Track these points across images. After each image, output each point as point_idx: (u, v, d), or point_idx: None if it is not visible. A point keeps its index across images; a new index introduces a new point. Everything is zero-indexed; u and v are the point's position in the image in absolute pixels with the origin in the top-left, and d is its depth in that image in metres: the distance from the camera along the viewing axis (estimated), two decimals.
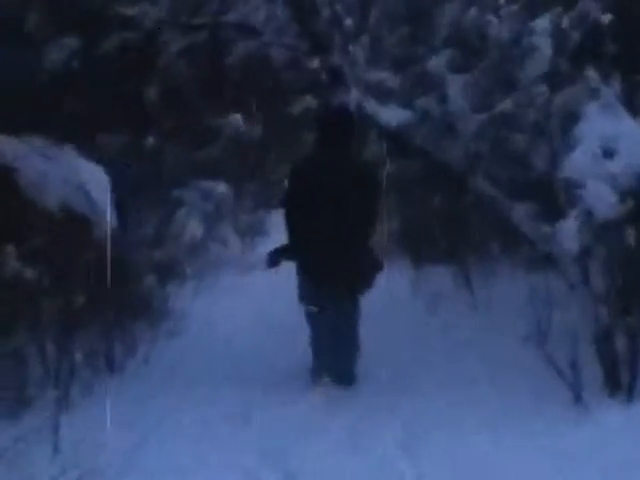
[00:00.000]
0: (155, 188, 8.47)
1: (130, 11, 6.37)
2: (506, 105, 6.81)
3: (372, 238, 5.90)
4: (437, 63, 6.83)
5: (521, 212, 7.10)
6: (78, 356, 5.52)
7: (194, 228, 9.22)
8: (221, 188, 10.06)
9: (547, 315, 6.07)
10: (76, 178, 5.09)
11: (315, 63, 6.63)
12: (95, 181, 5.23)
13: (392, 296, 8.44)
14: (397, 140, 7.14)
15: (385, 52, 7.07)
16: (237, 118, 10.46)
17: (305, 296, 5.84)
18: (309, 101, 7.21)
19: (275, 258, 5.92)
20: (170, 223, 8.96)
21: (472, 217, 8.14)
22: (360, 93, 6.84)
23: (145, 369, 6.17)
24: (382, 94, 7.20)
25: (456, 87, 6.74)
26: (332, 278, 5.60)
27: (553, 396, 5.31)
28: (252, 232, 10.24)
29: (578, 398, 5.26)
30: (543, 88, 6.52)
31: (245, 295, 8.56)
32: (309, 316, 5.86)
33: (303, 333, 6.09)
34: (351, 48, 6.86)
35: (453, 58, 6.81)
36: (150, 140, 8.79)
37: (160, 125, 8.32)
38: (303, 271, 5.77)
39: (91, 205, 5.11)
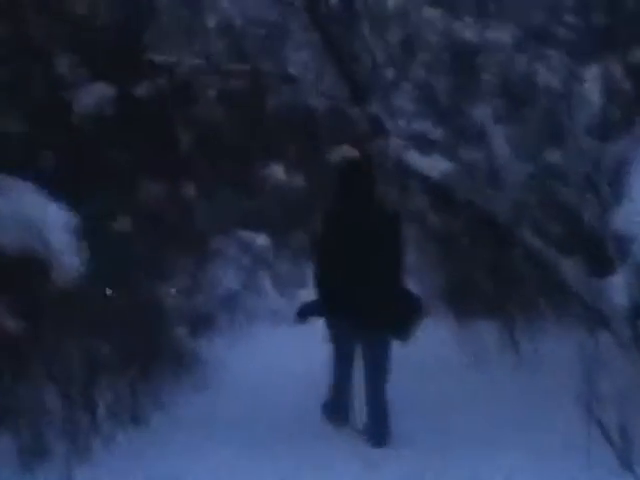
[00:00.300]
0: (191, 237, 8.30)
1: (165, 57, 6.24)
2: (554, 156, 6.54)
3: (402, 280, 5.70)
4: (482, 113, 6.58)
5: (570, 267, 6.80)
6: (101, 407, 5.29)
7: (230, 278, 9.06)
8: (261, 240, 9.92)
9: (596, 376, 5.72)
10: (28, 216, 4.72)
11: (355, 112, 6.41)
12: (55, 221, 4.83)
13: (436, 352, 8.16)
14: (440, 191, 6.89)
15: (428, 101, 6.83)
16: (278, 169, 10.35)
17: (334, 341, 5.75)
18: (348, 150, 7.00)
19: (305, 313, 5.75)
20: (205, 272, 8.79)
21: (518, 271, 7.80)
22: (401, 143, 6.62)
23: (171, 423, 5.90)
24: (424, 144, 6.97)
25: (501, 137, 6.49)
26: (363, 323, 5.44)
27: (601, 464, 4.93)
28: (292, 284, 10.01)
29: (627, 467, 4.88)
30: (592, 138, 6.24)
31: (281, 349, 8.29)
32: (336, 355, 5.76)
33: None
34: (392, 97, 6.64)
35: (498, 108, 6.56)
36: (188, 188, 8.68)
37: (198, 173, 8.18)
38: (332, 323, 5.67)
39: (45, 246, 4.73)
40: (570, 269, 6.85)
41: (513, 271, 7.83)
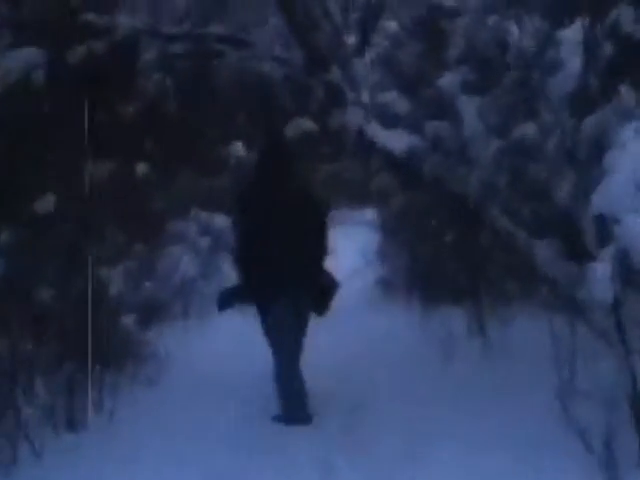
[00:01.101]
0: (142, 220, 7.66)
1: (103, 20, 5.56)
2: (528, 129, 5.95)
3: (324, 260, 5.76)
4: (450, 82, 5.95)
5: (543, 250, 6.23)
6: (27, 410, 4.67)
7: (187, 264, 8.43)
8: (220, 221, 9.30)
9: (572, 370, 5.24)
10: None
11: (313, 81, 5.77)
12: None
13: (400, 340, 7.61)
14: (405, 169, 6.28)
15: (391, 70, 6.20)
16: (238, 146, 9.73)
17: (266, 329, 5.65)
18: (306, 124, 6.38)
19: (226, 301, 5.71)
20: (159, 258, 8.16)
21: (488, 254, 7.24)
22: (363, 115, 5.99)
23: (111, 425, 5.27)
24: (388, 117, 6.34)
25: (471, 109, 5.88)
26: (288, 304, 5.48)
27: (581, 471, 4.37)
28: None
29: (610, 476, 4.32)
30: (570, 110, 5.64)
31: (239, 337, 7.68)
32: (273, 347, 5.63)
33: None
34: (353, 66, 6.00)
35: (468, 77, 5.93)
36: (140, 167, 8.05)
37: (148, 151, 7.53)
38: (258, 307, 5.60)
39: None
40: (542, 252, 6.29)
41: (482, 254, 7.27)
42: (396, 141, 6.04)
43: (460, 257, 7.54)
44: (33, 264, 5.43)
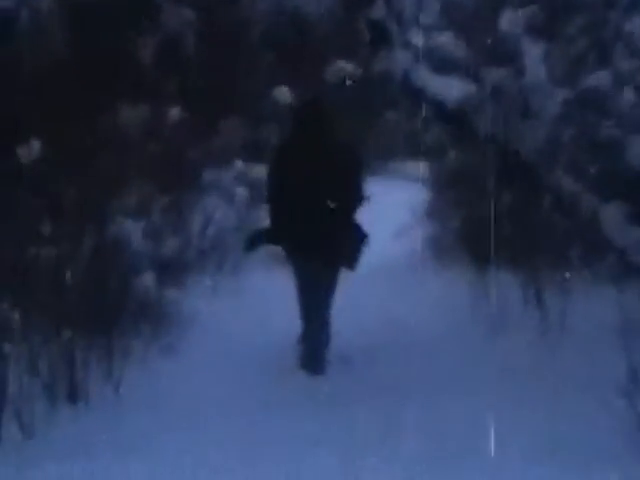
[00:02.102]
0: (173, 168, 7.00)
1: None
2: (599, 80, 5.12)
3: (355, 213, 5.64)
4: (512, 23, 5.12)
5: (610, 213, 5.47)
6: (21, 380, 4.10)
7: (222, 215, 7.77)
8: (259, 170, 8.59)
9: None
10: None
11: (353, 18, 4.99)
12: None
13: (448, 307, 6.88)
14: (458, 122, 5.48)
15: (447, 8, 5.37)
16: (284, 91, 8.98)
17: (295, 276, 5.61)
18: (347, 68, 5.61)
19: (254, 241, 5.68)
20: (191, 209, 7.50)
21: (548, 217, 6.41)
22: (411, 59, 5.19)
23: (116, 399, 4.65)
24: (441, 62, 5.52)
25: (535, 55, 5.04)
26: (315, 254, 5.44)
27: None
28: None
29: None
30: None
31: (274, 296, 7.02)
32: (298, 296, 5.60)
33: None
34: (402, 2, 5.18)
35: (533, 17, 5.09)
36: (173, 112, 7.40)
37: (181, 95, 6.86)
38: (287, 253, 5.64)
39: None
40: (610, 216, 5.52)
41: (542, 217, 6.45)
42: (448, 90, 5.24)
43: (518, 220, 6.73)
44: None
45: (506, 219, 6.89)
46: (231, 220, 7.85)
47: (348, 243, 5.54)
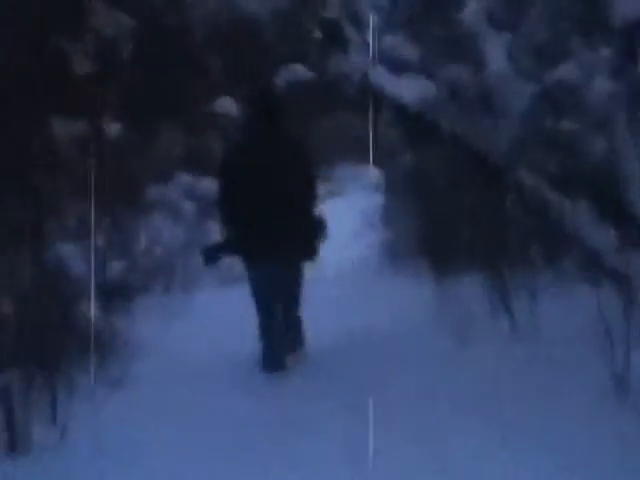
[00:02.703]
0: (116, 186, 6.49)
1: None
2: (564, 72, 4.80)
3: (313, 205, 5.55)
4: (473, 14, 4.76)
5: (577, 212, 5.15)
6: None
7: (170, 232, 7.29)
8: (207, 184, 8.13)
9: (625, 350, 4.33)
10: None
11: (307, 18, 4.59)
12: None
13: (408, 317, 6.48)
14: (418, 122, 5.11)
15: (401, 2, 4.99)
16: (227, 101, 8.54)
17: (252, 284, 5.45)
18: (300, 71, 5.20)
19: (213, 254, 5.47)
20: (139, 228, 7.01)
21: (512, 217, 6.08)
22: (367, 59, 4.81)
23: (62, 446, 4.14)
24: (397, 61, 5.15)
25: (497, 48, 4.69)
26: (274, 251, 5.29)
27: None
28: None
29: None
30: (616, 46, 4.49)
31: (228, 315, 6.57)
32: (256, 299, 5.43)
33: None
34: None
35: (495, 7, 4.74)
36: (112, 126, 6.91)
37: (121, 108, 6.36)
38: (246, 258, 5.43)
39: None
40: (578, 216, 5.22)
41: (505, 217, 6.12)
42: (407, 89, 4.87)
43: (480, 220, 6.38)
44: None
45: (467, 221, 6.57)
46: (179, 237, 7.37)
47: (306, 233, 5.42)
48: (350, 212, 9.16)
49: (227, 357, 5.65)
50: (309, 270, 5.66)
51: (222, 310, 6.65)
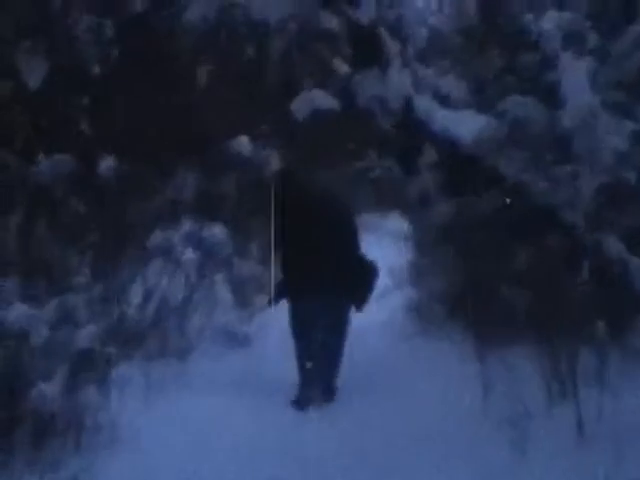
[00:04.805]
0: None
1: None
2: None
3: (359, 248, 5.60)
4: (545, 35, 3.57)
5: None
6: None
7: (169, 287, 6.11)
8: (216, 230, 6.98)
9: None
10: None
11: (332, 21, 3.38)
12: None
13: (441, 402, 5.20)
14: (472, 164, 3.91)
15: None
16: (243, 140, 7.41)
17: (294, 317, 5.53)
18: (321, 98, 4.03)
19: (280, 294, 5.50)
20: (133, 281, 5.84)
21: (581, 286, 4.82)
22: (409, 84, 3.63)
23: None
24: (443, 91, 3.95)
25: (581, 71, 3.50)
26: (319, 291, 5.33)
27: None
28: (253, 290, 6.97)
29: None
30: None
31: (236, 390, 5.35)
32: (296, 334, 5.50)
33: None
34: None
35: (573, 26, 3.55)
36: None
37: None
38: (293, 299, 5.50)
39: None
40: None
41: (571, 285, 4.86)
42: (462, 124, 3.67)
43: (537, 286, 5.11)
44: None
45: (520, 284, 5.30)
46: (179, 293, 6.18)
47: (357, 279, 5.42)
48: None
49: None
50: None
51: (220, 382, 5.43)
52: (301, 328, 5.42)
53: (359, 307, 5.49)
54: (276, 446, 4.53)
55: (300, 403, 5.30)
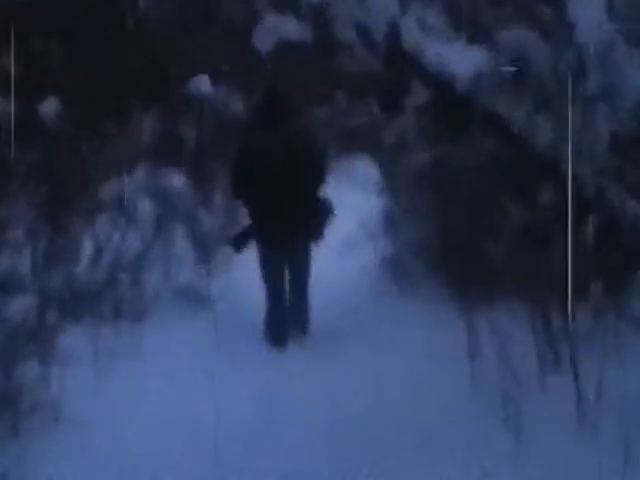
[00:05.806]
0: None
1: None
2: None
3: (319, 189, 5.62)
4: None
5: None
6: None
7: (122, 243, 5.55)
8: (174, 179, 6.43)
9: None
10: None
11: None
12: None
13: (418, 361, 4.71)
14: (464, 106, 3.35)
15: None
16: (203, 80, 6.85)
17: (261, 263, 5.60)
18: (288, 26, 3.44)
19: (241, 240, 5.53)
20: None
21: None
22: (396, 7, 3.06)
23: None
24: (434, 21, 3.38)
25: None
26: (283, 233, 5.45)
27: None
28: (216, 243, 6.40)
29: None
30: None
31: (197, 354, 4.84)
32: (264, 277, 5.61)
33: None
34: None
35: None
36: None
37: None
38: (258, 238, 5.55)
39: None
40: None
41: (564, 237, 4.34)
42: (456, 58, 3.11)
43: (528, 239, 4.59)
44: None
45: (512, 237, 4.78)
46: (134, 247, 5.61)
47: (313, 217, 5.53)
48: (345, 216, 7.33)
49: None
50: None
51: (176, 353, 4.91)
52: (272, 269, 5.56)
53: (317, 241, 5.63)
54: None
55: (280, 340, 5.47)
